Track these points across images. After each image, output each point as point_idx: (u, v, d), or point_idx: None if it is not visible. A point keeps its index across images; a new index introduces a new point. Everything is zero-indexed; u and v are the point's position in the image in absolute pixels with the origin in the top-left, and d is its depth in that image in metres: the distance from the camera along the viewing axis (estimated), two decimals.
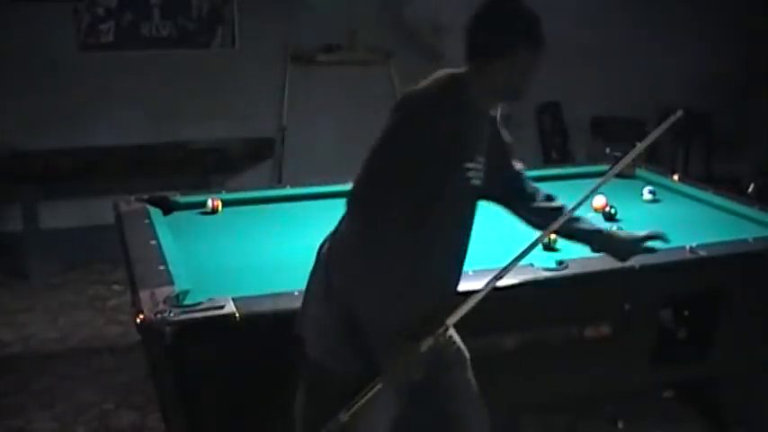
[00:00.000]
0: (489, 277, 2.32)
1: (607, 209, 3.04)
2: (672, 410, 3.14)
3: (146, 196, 3.19)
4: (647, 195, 3.33)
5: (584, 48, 5.50)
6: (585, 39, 5.46)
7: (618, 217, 2.99)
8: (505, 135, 2.15)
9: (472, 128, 1.93)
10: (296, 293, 2.18)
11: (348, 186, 3.53)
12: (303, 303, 1.99)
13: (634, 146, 2.01)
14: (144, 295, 2.19)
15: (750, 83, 6.04)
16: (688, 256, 2.56)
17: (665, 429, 3.06)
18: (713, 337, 2.70)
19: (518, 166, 2.22)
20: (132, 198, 3.17)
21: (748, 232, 2.83)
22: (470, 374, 2.08)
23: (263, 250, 2.75)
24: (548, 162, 5.66)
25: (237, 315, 2.04)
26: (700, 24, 5.83)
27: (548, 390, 2.55)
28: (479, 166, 1.92)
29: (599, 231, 2.18)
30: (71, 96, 4.95)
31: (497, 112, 2.08)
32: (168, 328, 2.01)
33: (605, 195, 3.15)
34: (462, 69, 1.93)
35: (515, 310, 2.34)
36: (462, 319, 1.89)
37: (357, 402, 1.83)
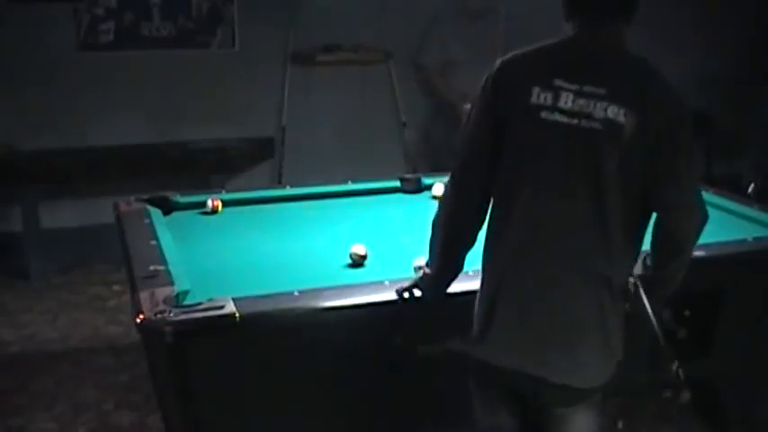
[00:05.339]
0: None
1: None
2: (672, 410, 3.14)
3: (146, 196, 3.19)
4: None
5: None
6: None
7: None
8: None
9: None
10: (296, 293, 2.18)
11: (348, 186, 3.53)
12: None
13: None
14: (144, 295, 2.19)
15: (750, 83, 6.04)
16: None
17: (665, 429, 3.06)
18: (713, 336, 2.70)
19: None
20: (132, 198, 3.17)
21: (748, 232, 2.83)
22: None
23: (263, 250, 2.75)
24: None
25: (237, 315, 2.04)
26: (700, 24, 5.83)
27: None
28: None
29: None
30: (71, 96, 4.95)
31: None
32: (168, 328, 2.01)
33: None
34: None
35: None
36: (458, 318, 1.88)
37: None
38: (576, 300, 1.87)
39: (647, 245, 2.01)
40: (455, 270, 2.09)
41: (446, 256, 2.07)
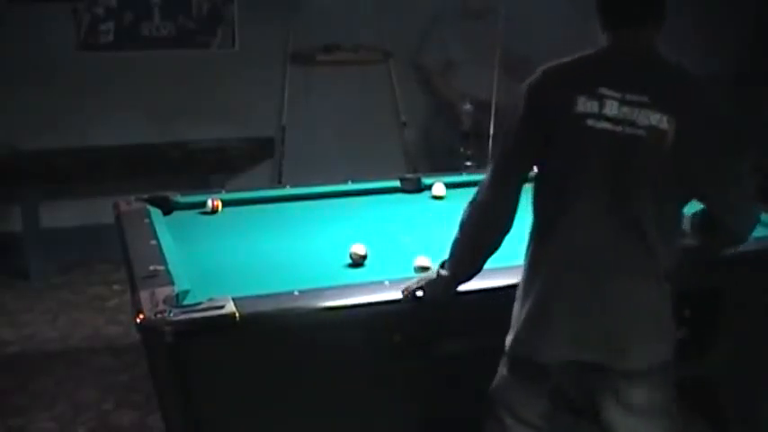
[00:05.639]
0: (489, 278, 2.32)
1: None
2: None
3: (146, 196, 3.19)
4: None
5: (584, 48, 5.49)
6: (585, 38, 5.45)
7: None
8: None
9: None
10: (296, 293, 2.18)
11: (348, 186, 3.52)
12: None
13: None
14: (144, 295, 2.19)
15: (750, 83, 6.04)
16: None
17: None
18: (713, 336, 2.70)
19: None
20: (132, 198, 3.17)
21: None
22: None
23: (263, 250, 2.75)
24: None
25: (237, 315, 2.04)
26: (700, 24, 5.83)
27: None
28: None
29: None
30: (71, 96, 4.95)
31: None
32: (168, 328, 2.01)
33: None
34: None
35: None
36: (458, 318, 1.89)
37: None
38: (622, 295, 1.96)
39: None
40: (474, 273, 2.13)
41: (472, 257, 2.11)
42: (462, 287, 2.22)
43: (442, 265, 2.16)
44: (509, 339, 2.07)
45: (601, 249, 1.93)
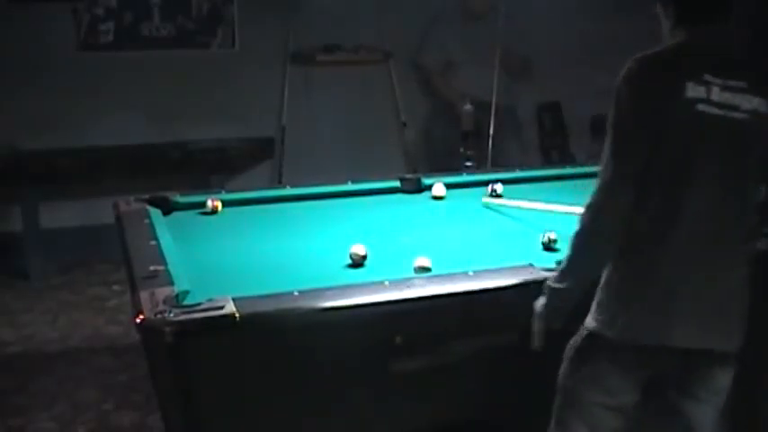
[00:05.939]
0: (490, 278, 2.32)
1: None
2: None
3: (146, 196, 3.19)
4: None
5: (584, 47, 5.50)
6: (585, 38, 5.46)
7: None
8: None
9: None
10: (296, 293, 2.17)
11: (348, 186, 3.51)
12: None
13: None
14: (144, 295, 2.19)
15: None
16: None
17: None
18: None
19: None
20: (132, 198, 3.17)
21: None
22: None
23: (263, 250, 2.75)
24: (548, 162, 5.66)
25: (237, 315, 2.04)
26: None
27: (547, 390, 2.54)
28: None
29: None
30: (71, 96, 4.95)
31: None
32: (168, 328, 2.00)
33: None
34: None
35: (514, 311, 2.34)
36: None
37: None
38: (731, 278, 2.04)
39: None
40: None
41: (600, 262, 2.08)
42: (461, 288, 2.22)
43: (558, 281, 2.11)
44: (611, 327, 2.02)
45: (714, 233, 1.98)
